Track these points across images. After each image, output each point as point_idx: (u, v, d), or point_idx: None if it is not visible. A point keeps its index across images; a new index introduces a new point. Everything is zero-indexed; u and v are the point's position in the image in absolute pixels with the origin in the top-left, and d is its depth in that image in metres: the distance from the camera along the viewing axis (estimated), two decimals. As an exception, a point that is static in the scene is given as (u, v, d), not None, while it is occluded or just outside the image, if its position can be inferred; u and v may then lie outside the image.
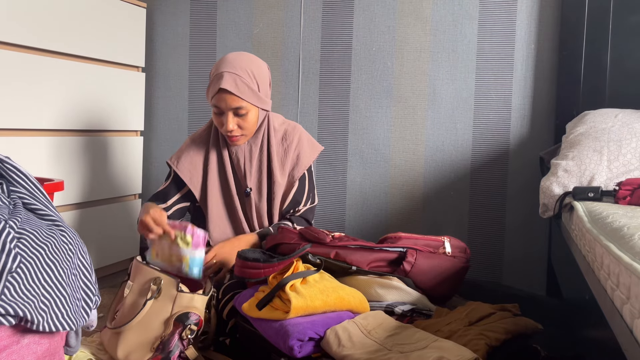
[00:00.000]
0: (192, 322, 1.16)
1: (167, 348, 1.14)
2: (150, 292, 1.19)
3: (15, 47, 1.62)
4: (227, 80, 1.38)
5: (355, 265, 1.30)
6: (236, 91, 1.39)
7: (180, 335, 1.15)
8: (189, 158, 1.55)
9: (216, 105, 1.42)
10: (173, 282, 1.19)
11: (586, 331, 1.03)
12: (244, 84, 1.40)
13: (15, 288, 0.77)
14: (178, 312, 1.17)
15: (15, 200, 0.91)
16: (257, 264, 1.21)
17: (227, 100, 1.40)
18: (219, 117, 1.45)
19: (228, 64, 1.41)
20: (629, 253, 0.75)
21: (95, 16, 1.89)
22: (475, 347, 0.98)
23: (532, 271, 1.94)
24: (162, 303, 1.18)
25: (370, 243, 1.37)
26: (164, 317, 1.17)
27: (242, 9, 2.19)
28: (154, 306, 1.18)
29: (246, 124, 1.44)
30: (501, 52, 1.95)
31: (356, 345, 1.01)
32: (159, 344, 1.15)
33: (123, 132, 2.09)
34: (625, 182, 1.23)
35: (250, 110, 1.44)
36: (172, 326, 1.15)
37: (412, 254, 1.31)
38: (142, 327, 1.17)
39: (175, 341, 1.15)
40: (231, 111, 1.42)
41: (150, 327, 1.17)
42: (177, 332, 1.15)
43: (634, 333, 0.66)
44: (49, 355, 0.84)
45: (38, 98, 1.69)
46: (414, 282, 1.29)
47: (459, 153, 2.00)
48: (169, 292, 1.19)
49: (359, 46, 2.07)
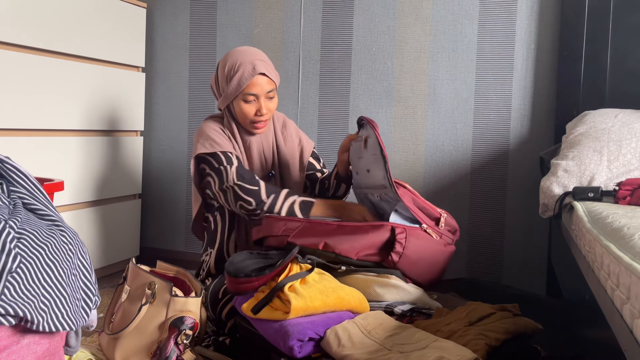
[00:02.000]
0: (187, 326, 1.15)
1: (164, 354, 1.13)
2: (145, 297, 1.18)
3: (16, 47, 1.62)
4: (260, 66, 1.47)
5: (344, 254, 1.26)
6: (271, 74, 1.49)
7: (176, 340, 1.14)
8: (226, 143, 1.52)
9: (250, 93, 1.47)
10: (167, 287, 1.18)
11: (586, 331, 1.03)
12: (272, 68, 1.52)
13: (15, 288, 0.77)
14: (173, 316, 1.16)
15: (15, 200, 0.91)
16: (249, 279, 1.19)
17: (264, 85, 1.48)
18: (249, 105, 1.49)
19: (250, 54, 1.49)
20: (629, 253, 0.75)
21: (95, 16, 1.89)
22: (475, 347, 0.97)
23: (532, 271, 1.94)
24: (157, 308, 1.17)
25: (358, 224, 1.33)
26: (158, 322, 1.16)
27: (242, 9, 2.19)
28: (149, 311, 1.18)
29: (273, 106, 1.53)
30: (501, 52, 1.95)
31: (356, 345, 1.01)
32: (156, 349, 1.14)
33: (123, 132, 2.09)
34: (625, 182, 1.23)
35: (276, 95, 1.54)
36: (168, 331, 1.15)
37: (401, 242, 1.26)
38: (139, 333, 1.17)
39: (171, 346, 1.14)
40: (265, 95, 1.49)
41: (146, 332, 1.16)
42: (172, 337, 1.14)
43: (634, 333, 0.66)
44: (49, 355, 0.84)
45: (38, 98, 1.69)
46: (403, 273, 1.27)
47: (459, 153, 2.00)
48: (162, 296, 1.18)
49: (359, 46, 2.07)
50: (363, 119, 1.46)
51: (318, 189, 1.64)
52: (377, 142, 1.35)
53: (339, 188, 1.60)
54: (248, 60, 1.47)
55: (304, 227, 1.35)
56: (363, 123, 1.47)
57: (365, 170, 1.42)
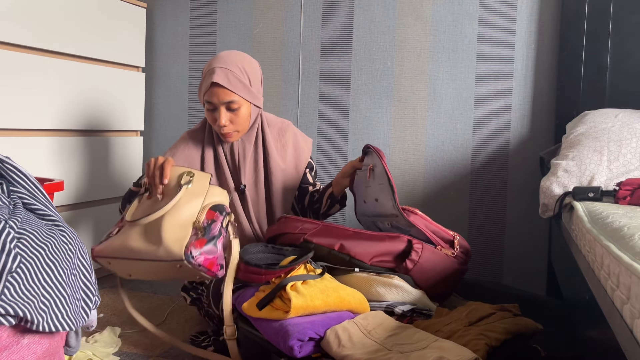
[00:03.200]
0: (228, 213, 1.19)
1: (211, 232, 1.14)
2: (185, 179, 1.21)
3: (15, 47, 1.62)
4: (218, 74, 1.39)
5: (358, 258, 1.29)
6: (228, 85, 1.40)
7: (222, 223, 1.16)
8: (185, 154, 1.54)
9: (209, 101, 1.43)
10: (206, 176, 1.23)
11: (586, 331, 1.03)
12: (236, 78, 1.41)
13: (15, 288, 0.77)
14: (211, 203, 1.19)
15: (15, 200, 0.91)
16: (259, 270, 1.20)
17: (219, 95, 1.41)
18: (212, 114, 1.45)
19: (219, 60, 1.43)
20: (629, 253, 0.75)
21: (95, 16, 1.89)
22: (475, 347, 0.97)
23: (532, 271, 1.94)
24: (195, 192, 1.20)
25: (375, 233, 1.36)
26: (197, 205, 1.18)
27: (242, 9, 2.19)
28: (188, 193, 1.19)
29: (239, 119, 1.45)
30: (501, 52, 1.95)
31: (356, 345, 1.01)
32: (200, 225, 1.14)
33: (123, 132, 2.09)
34: (625, 182, 1.23)
35: (243, 105, 1.44)
36: (206, 214, 1.17)
37: (417, 251, 1.29)
38: (177, 211, 1.16)
39: (218, 227, 1.15)
40: (224, 106, 1.42)
41: (186, 213, 1.17)
42: (219, 219, 1.16)
43: (634, 333, 0.66)
44: (49, 355, 0.84)
45: (38, 98, 1.69)
46: (414, 280, 1.29)
47: (459, 153, 2.00)
48: (201, 183, 1.22)
49: (359, 46, 2.08)
50: (369, 147, 1.45)
51: (307, 201, 1.62)
52: (384, 171, 1.36)
53: (332, 207, 1.59)
54: (214, 67, 1.41)
55: (322, 228, 1.37)
56: (369, 151, 1.46)
57: (374, 199, 1.42)
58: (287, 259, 1.25)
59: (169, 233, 1.12)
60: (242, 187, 1.53)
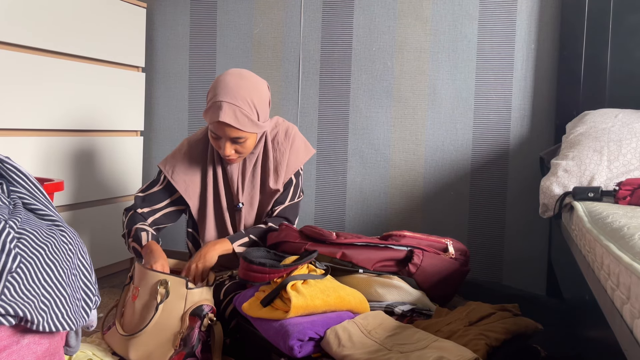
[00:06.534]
0: (207, 312, 1.21)
1: (190, 343, 1.18)
2: (160, 296, 1.22)
3: (15, 47, 1.62)
4: (226, 112, 1.33)
5: (361, 266, 1.30)
6: (236, 124, 1.34)
7: (200, 328, 1.19)
8: (184, 168, 1.52)
9: (214, 132, 1.39)
10: (182, 282, 1.23)
11: (586, 331, 1.03)
12: (244, 115, 1.35)
13: (15, 288, 0.77)
14: (191, 307, 1.21)
15: (15, 200, 0.91)
16: (262, 269, 1.20)
17: (226, 131, 1.36)
18: (216, 141, 1.41)
19: (228, 93, 1.35)
20: (629, 253, 0.75)
21: (95, 16, 1.89)
22: (475, 347, 0.98)
23: (532, 271, 1.94)
24: (174, 302, 1.22)
25: (375, 240, 1.37)
26: (178, 315, 1.21)
27: (242, 9, 2.19)
28: (166, 307, 1.21)
29: (244, 149, 1.42)
30: (501, 52, 1.95)
31: (356, 345, 1.01)
32: (180, 340, 1.18)
33: (123, 132, 2.09)
34: (625, 182, 1.23)
35: (249, 138, 1.41)
36: (188, 321, 1.20)
37: (419, 255, 1.30)
38: (158, 329, 1.20)
39: (196, 335, 1.18)
40: (229, 140, 1.39)
41: (167, 327, 1.20)
42: (196, 325, 1.19)
43: (634, 333, 0.66)
44: (49, 355, 0.84)
45: (38, 98, 1.69)
46: (417, 283, 1.29)
47: (459, 153, 2.00)
48: (178, 291, 1.22)
49: (359, 46, 2.07)
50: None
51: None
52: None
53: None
54: (221, 101, 1.33)
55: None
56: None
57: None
58: (290, 258, 1.26)
59: (141, 353, 1.21)
60: (240, 206, 1.51)
